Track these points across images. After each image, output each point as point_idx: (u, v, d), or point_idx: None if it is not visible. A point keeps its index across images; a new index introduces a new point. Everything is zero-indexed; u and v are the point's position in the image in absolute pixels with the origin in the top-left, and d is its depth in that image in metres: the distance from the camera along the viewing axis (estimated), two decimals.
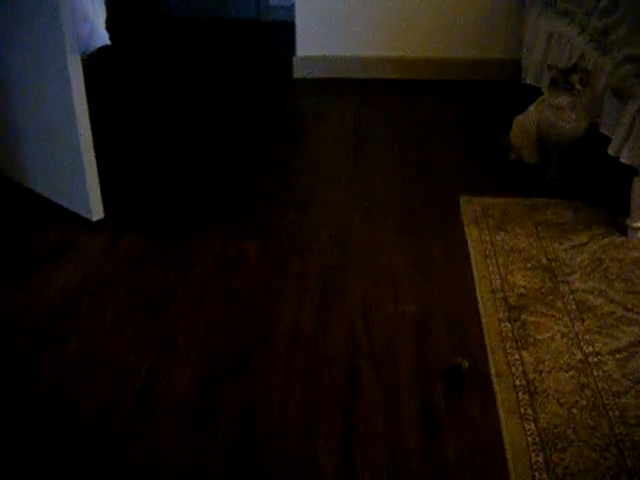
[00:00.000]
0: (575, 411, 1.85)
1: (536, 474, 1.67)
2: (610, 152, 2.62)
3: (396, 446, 1.76)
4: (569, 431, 1.79)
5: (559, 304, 2.26)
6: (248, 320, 2.21)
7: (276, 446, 1.76)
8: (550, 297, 2.29)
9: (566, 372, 1.98)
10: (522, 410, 1.85)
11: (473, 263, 2.46)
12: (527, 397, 1.89)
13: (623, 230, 2.60)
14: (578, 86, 2.74)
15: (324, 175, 3.12)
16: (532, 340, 2.10)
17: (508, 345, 2.08)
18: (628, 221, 2.59)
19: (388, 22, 4.09)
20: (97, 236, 2.62)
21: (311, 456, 1.74)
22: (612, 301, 2.27)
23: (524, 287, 2.34)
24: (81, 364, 2.03)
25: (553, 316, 2.21)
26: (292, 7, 4.15)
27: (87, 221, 2.68)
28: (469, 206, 2.80)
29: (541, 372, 1.98)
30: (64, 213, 2.74)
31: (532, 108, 3.04)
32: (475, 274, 2.40)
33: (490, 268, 2.43)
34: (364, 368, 2.01)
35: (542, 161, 2.97)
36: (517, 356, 2.04)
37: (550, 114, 2.84)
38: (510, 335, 2.12)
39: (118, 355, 2.07)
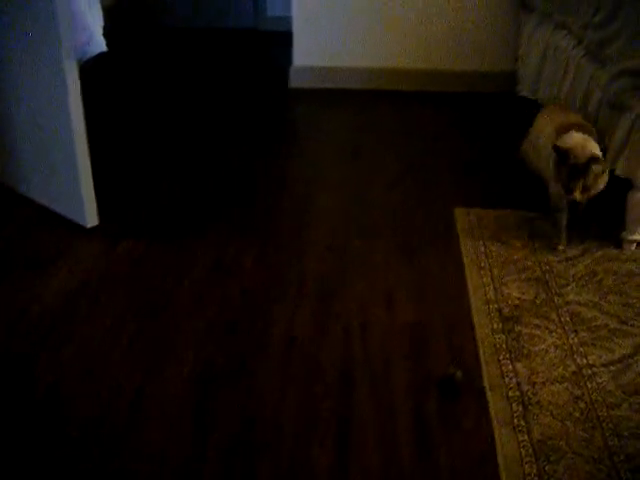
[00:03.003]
0: (569, 423, 1.85)
1: None
2: None
3: (389, 454, 1.76)
4: (562, 443, 1.78)
5: (553, 316, 2.26)
6: (244, 325, 2.21)
7: (271, 451, 1.76)
8: (544, 309, 2.29)
9: (560, 384, 1.98)
10: (515, 421, 1.85)
11: (467, 274, 2.46)
12: (520, 408, 1.89)
13: (618, 243, 2.61)
14: (578, 195, 2.42)
15: (320, 183, 3.12)
16: (526, 352, 2.10)
17: (502, 356, 2.08)
18: (623, 234, 2.59)
19: (385, 33, 4.11)
20: (92, 242, 2.62)
21: (305, 462, 1.73)
22: (606, 313, 2.27)
23: (518, 298, 2.34)
24: (77, 367, 2.03)
25: (547, 328, 2.21)
26: (290, 17, 4.15)
27: (82, 227, 2.67)
28: (464, 217, 2.80)
29: (535, 384, 1.98)
30: (59, 219, 2.73)
31: (539, 136, 2.76)
32: (469, 285, 2.40)
33: (484, 279, 2.43)
34: (358, 376, 2.01)
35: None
36: (511, 367, 2.04)
37: (558, 189, 2.52)
38: (504, 346, 2.12)
39: (114, 358, 2.07)
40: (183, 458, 1.74)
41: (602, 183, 2.44)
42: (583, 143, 2.46)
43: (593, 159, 2.39)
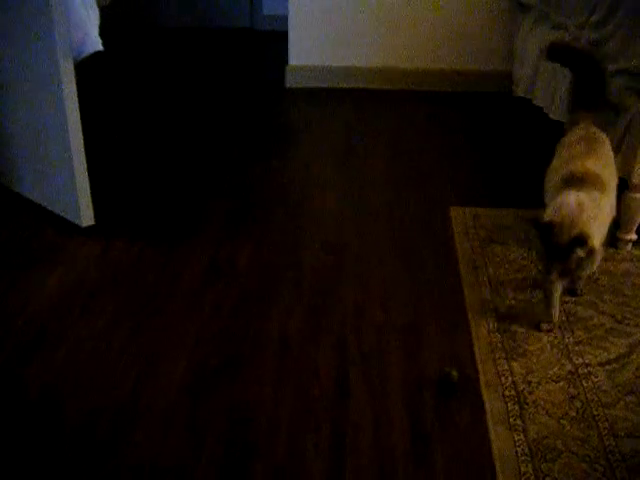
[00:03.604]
0: (564, 422, 1.85)
1: None
2: None
3: (385, 455, 1.75)
4: (558, 442, 1.78)
5: None
6: (238, 327, 2.20)
7: (266, 453, 1.76)
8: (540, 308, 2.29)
9: (556, 383, 1.98)
10: (511, 421, 1.85)
11: (463, 273, 2.46)
12: (517, 408, 1.89)
13: (613, 242, 2.61)
14: (555, 279, 2.08)
15: (316, 184, 3.11)
16: (522, 351, 2.10)
17: (498, 355, 2.08)
18: (618, 233, 2.60)
19: (381, 33, 4.11)
20: (87, 242, 2.61)
21: (300, 464, 1.73)
22: (602, 313, 2.27)
23: (514, 298, 2.34)
24: (71, 367, 2.02)
25: None
26: (286, 17, 4.15)
27: (77, 227, 2.67)
28: (460, 216, 2.80)
29: (530, 383, 1.98)
30: (54, 219, 2.73)
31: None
32: (465, 284, 2.40)
33: (480, 278, 2.43)
34: (354, 377, 2.00)
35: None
36: (507, 367, 2.04)
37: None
38: (500, 345, 2.12)
39: (109, 358, 2.06)
40: (177, 460, 1.74)
41: (591, 265, 2.08)
42: (573, 215, 2.02)
43: (577, 241, 1.97)
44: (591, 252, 1.99)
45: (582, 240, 1.97)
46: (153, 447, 1.76)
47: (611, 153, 2.36)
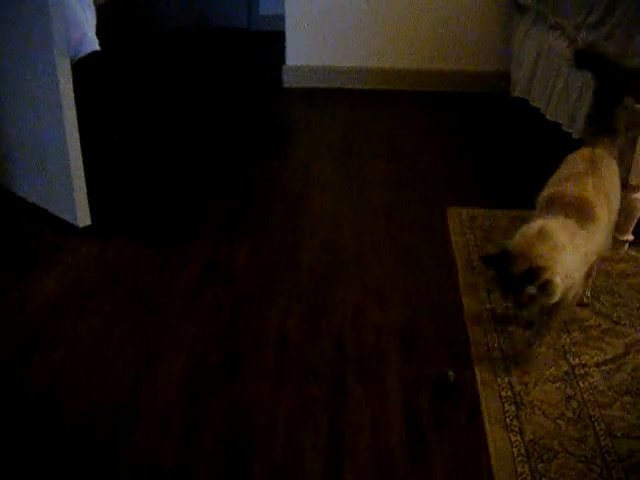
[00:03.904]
0: (561, 422, 1.85)
1: None
2: None
3: (382, 455, 1.76)
4: (555, 442, 1.79)
5: None
6: (237, 327, 2.21)
7: (263, 452, 1.76)
8: None
9: (552, 383, 1.99)
10: (508, 421, 1.86)
11: (460, 274, 2.47)
12: (513, 408, 1.90)
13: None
14: (510, 307, 2.04)
15: (314, 183, 3.12)
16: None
17: (495, 356, 2.09)
18: (615, 234, 2.60)
19: (378, 33, 4.11)
20: (84, 242, 2.61)
21: (298, 463, 1.73)
22: (598, 313, 2.28)
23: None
24: (69, 368, 2.02)
25: None
26: (282, 17, 4.16)
27: (74, 227, 2.67)
28: (456, 216, 2.81)
29: (527, 383, 1.98)
30: (51, 219, 2.73)
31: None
32: (462, 285, 2.41)
33: (477, 279, 2.44)
34: (351, 377, 2.01)
35: None
36: (504, 367, 2.04)
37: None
38: (497, 346, 2.13)
39: (107, 359, 2.06)
40: (176, 459, 1.74)
41: (547, 299, 1.86)
42: (530, 246, 1.84)
43: (529, 275, 1.81)
44: (545, 286, 1.81)
45: (534, 275, 1.80)
46: (152, 447, 1.77)
47: (616, 178, 2.18)
